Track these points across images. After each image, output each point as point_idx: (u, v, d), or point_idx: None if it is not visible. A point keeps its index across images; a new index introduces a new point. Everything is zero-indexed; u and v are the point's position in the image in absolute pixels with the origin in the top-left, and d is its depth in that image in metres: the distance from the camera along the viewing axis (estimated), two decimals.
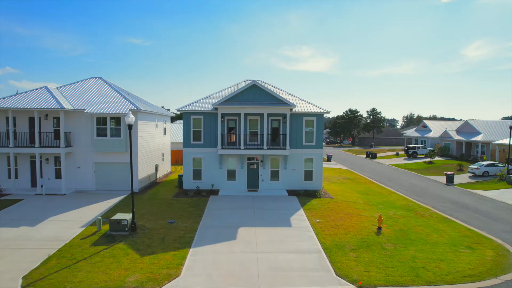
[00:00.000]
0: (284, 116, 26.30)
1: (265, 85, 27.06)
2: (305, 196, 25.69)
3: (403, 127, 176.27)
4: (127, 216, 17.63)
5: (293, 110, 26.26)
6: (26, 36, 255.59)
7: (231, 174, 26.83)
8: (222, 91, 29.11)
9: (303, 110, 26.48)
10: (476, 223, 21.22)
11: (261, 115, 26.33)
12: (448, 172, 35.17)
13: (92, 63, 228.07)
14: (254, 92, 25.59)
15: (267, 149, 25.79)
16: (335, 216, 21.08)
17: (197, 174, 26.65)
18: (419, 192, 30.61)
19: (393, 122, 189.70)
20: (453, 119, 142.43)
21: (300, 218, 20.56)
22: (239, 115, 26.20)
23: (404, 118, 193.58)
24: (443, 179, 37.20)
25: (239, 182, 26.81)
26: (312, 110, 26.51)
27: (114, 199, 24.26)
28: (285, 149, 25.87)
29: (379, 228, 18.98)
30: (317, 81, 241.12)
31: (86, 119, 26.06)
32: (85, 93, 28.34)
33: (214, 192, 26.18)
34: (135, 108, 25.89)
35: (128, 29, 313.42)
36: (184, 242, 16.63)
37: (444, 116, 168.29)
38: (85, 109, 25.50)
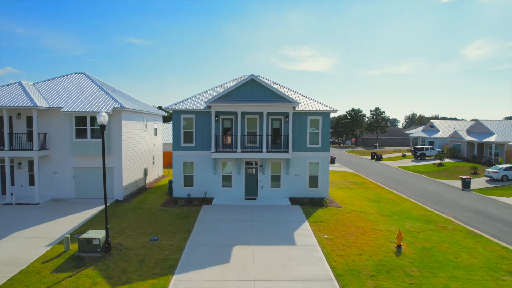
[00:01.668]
0: (286, 115, 23.44)
1: (265, 81, 24.17)
2: (309, 205, 22.84)
3: (405, 127, 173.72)
4: (100, 234, 14.78)
5: (296, 108, 23.41)
6: (26, 36, 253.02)
7: (227, 180, 23.97)
8: (217, 87, 26.26)
9: (307, 109, 23.61)
10: (509, 238, 18.37)
11: (260, 114, 23.48)
12: (464, 176, 32.29)
13: (92, 63, 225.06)
14: (253, 88, 22.73)
15: (267, 152, 22.93)
16: (346, 231, 18.22)
17: (188, 180, 23.79)
18: (434, 199, 27.75)
19: (394, 122, 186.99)
20: (455, 118, 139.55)
21: (305, 233, 17.70)
22: (235, 114, 23.34)
23: (406, 118, 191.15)
24: (457, 183, 34.39)
25: (235, 189, 23.94)
26: (318, 109, 23.64)
27: (95, 209, 21.41)
28: (287, 152, 23.01)
29: (399, 246, 16.13)
30: (317, 81, 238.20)
31: (64, 118, 23.23)
32: (65, 89, 25.49)
33: (207, 200, 23.33)
34: (119, 106, 23.05)
35: (128, 29, 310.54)
36: (166, 266, 13.79)
37: (446, 116, 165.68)
38: (62, 107, 22.65)
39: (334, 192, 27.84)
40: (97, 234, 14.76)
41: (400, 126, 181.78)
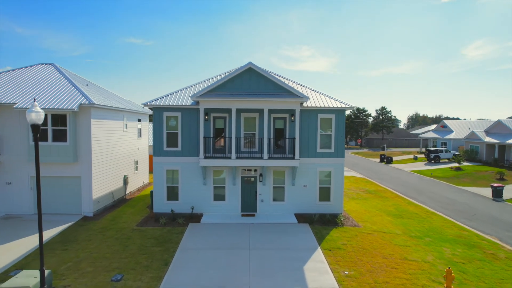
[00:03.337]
0: (292, 112, 19.19)
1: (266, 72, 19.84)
2: (320, 223, 18.58)
3: (408, 127, 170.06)
4: (34, 279, 10.51)
5: (304, 104, 19.16)
6: (26, 36, 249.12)
7: (219, 193, 19.68)
8: (208, 80, 21.97)
9: (318, 105, 19.36)
10: None
11: (260, 111, 19.24)
12: (495, 184, 28.05)
13: (92, 63, 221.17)
14: (251, 79, 18.46)
15: (269, 158, 18.68)
16: (372, 263, 13.94)
17: (172, 193, 19.52)
18: (465, 212, 23.49)
19: (395, 122, 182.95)
20: (457, 118, 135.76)
21: (319, 267, 13.43)
22: (229, 111, 19.09)
23: (409, 118, 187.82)
24: (484, 191, 30.16)
25: (229, 203, 19.67)
26: (330, 105, 19.38)
27: (55, 229, 17.20)
28: (293, 158, 18.75)
29: None
30: (318, 81, 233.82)
31: (19, 117, 18.99)
32: (26, 82, 21.25)
33: (195, 217, 19.06)
34: (87, 102, 18.82)
35: (128, 29, 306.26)
36: None
37: (449, 116, 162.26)
38: (16, 103, 18.41)
39: (348, 205, 23.56)
40: (29, 278, 10.49)
41: (402, 126, 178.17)
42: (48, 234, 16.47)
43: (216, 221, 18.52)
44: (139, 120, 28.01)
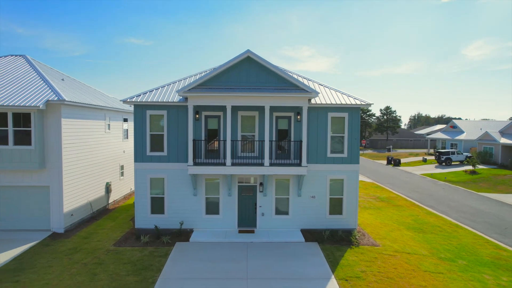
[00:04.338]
0: (298, 110, 16.28)
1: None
2: (332, 242, 15.65)
3: (410, 127, 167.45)
4: None
5: (312, 101, 16.24)
6: (26, 36, 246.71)
7: (212, 205, 16.74)
8: (200, 73, 19.01)
9: (328, 102, 16.43)
10: None
11: (261, 109, 16.31)
12: None
13: (92, 63, 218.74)
14: (249, 70, 15.52)
15: (270, 165, 15.73)
16: None
17: (157, 205, 16.58)
18: (495, 225, 20.53)
19: (399, 122, 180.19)
20: (459, 118, 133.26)
21: None
22: (224, 109, 16.15)
23: (411, 118, 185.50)
24: (508, 198, 27.30)
25: (224, 217, 16.72)
26: (343, 102, 16.46)
27: (13, 251, 14.29)
28: (299, 165, 15.81)
29: None
30: (318, 81, 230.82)
31: None
32: None
33: (184, 234, 16.12)
34: (56, 98, 15.91)
35: (128, 29, 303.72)
36: None
37: (451, 116, 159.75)
38: None
39: (361, 216, 20.61)
40: None
41: (403, 126, 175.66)
42: (10, 255, 13.62)
43: (208, 239, 15.58)
44: (125, 120, 25.10)
